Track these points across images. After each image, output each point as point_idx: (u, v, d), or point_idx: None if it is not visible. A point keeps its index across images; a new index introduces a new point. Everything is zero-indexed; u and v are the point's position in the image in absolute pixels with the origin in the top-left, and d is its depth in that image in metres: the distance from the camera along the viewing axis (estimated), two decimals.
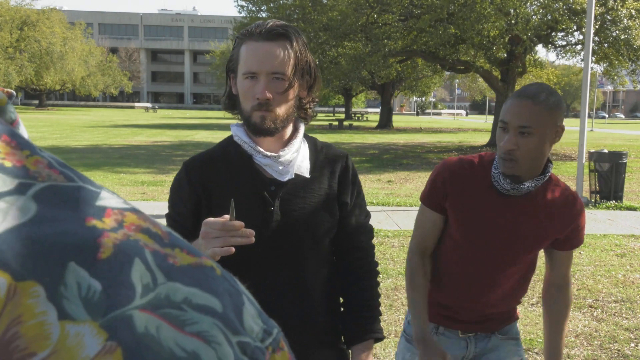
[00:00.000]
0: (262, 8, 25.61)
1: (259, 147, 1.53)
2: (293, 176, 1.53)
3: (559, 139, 1.69)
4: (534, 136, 1.64)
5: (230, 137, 1.59)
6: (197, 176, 1.56)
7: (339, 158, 1.64)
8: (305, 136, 1.62)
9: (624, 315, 4.50)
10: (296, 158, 1.54)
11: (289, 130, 1.56)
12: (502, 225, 1.79)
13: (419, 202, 1.90)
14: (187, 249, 0.41)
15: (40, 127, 29.22)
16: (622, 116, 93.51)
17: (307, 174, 1.56)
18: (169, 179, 11.82)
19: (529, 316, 4.43)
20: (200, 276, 0.40)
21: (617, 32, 17.97)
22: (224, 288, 0.41)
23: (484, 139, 24.48)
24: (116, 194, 0.42)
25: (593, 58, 18.91)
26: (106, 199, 0.40)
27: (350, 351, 1.65)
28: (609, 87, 76.94)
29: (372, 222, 1.75)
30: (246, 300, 0.42)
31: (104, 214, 0.39)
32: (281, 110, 1.47)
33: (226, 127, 34.46)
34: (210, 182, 1.56)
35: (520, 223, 1.79)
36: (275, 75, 1.44)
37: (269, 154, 1.52)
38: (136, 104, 75.00)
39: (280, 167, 1.52)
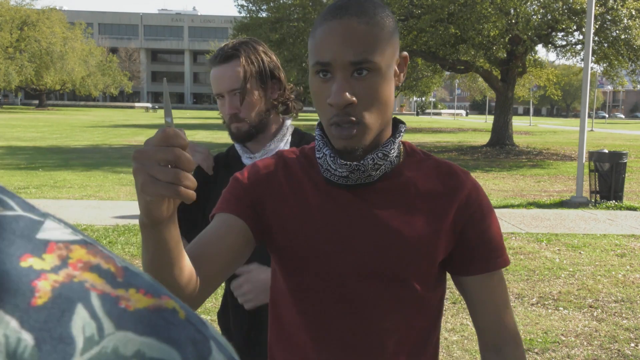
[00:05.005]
0: (262, 8, 25.59)
1: (245, 148, 1.73)
2: None
3: (404, 76, 1.09)
4: (375, 73, 1.00)
5: None
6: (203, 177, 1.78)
7: None
8: (296, 132, 1.76)
9: (624, 315, 4.50)
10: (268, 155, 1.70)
11: (272, 129, 1.73)
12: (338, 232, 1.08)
13: None
14: (144, 288, 0.34)
15: (40, 127, 29.22)
16: (622, 116, 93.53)
17: None
18: None
19: (529, 316, 4.43)
20: (157, 322, 0.33)
21: (617, 32, 17.98)
22: (187, 335, 0.34)
23: (484, 138, 24.49)
24: (65, 222, 0.36)
25: (593, 58, 18.91)
26: (50, 230, 0.34)
27: None
28: (609, 87, 77.01)
29: None
30: (214, 347, 0.35)
31: (46, 249, 0.32)
32: (251, 118, 1.66)
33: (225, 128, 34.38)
34: (214, 181, 1.75)
35: (367, 224, 1.07)
36: (234, 91, 1.64)
37: (250, 155, 1.72)
38: (136, 104, 74.93)
39: None
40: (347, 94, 0.97)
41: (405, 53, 1.08)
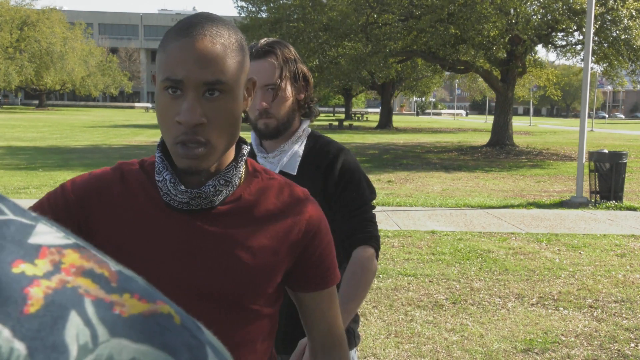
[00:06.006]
0: (262, 8, 25.61)
1: (261, 147, 1.75)
2: (277, 172, 1.71)
3: (251, 100, 1.09)
4: (226, 95, 1.00)
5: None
6: None
7: (327, 153, 1.74)
8: (312, 135, 1.77)
9: (624, 315, 4.50)
10: (282, 157, 1.71)
11: (291, 131, 1.74)
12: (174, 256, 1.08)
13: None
14: (139, 293, 0.33)
15: (40, 127, 29.22)
16: (622, 116, 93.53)
17: (293, 172, 1.72)
18: None
19: (529, 316, 4.43)
20: (152, 328, 0.32)
21: (617, 32, 17.98)
22: (182, 341, 0.33)
23: (484, 139, 24.48)
24: (57, 225, 0.35)
25: (593, 58, 18.91)
26: (42, 235, 0.33)
27: None
28: (609, 87, 76.96)
29: None
30: (210, 352, 0.34)
31: (38, 255, 0.31)
32: (280, 115, 1.67)
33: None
34: None
35: (201, 248, 1.07)
36: (268, 86, 1.64)
37: (264, 155, 1.74)
38: (136, 104, 74.97)
39: (269, 166, 1.71)
40: (198, 113, 0.96)
41: (255, 78, 1.10)
